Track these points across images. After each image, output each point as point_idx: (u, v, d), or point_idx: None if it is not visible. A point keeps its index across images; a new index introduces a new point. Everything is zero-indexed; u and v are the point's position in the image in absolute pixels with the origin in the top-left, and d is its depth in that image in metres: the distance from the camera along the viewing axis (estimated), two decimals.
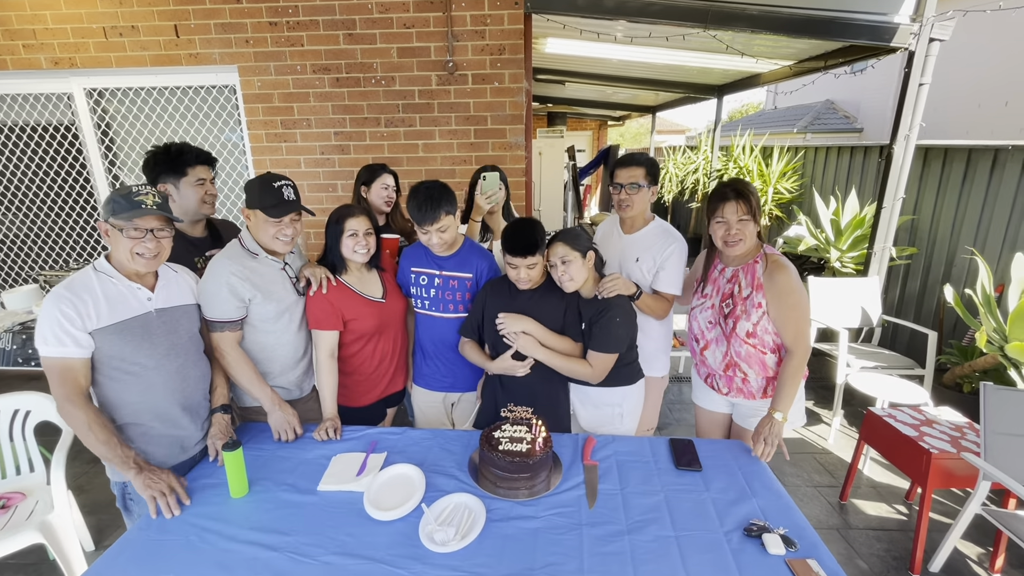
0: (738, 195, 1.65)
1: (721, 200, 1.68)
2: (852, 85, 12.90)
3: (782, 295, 1.65)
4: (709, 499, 1.45)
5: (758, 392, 1.78)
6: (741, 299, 1.71)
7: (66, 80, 3.35)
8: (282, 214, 1.63)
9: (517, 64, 3.19)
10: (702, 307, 1.83)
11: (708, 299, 1.82)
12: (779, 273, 1.65)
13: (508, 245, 1.72)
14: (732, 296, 1.74)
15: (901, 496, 2.58)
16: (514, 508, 1.42)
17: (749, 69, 5.19)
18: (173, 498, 1.40)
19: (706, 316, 1.83)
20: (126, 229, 1.36)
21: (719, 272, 1.81)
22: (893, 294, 4.15)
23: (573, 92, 7.87)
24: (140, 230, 1.37)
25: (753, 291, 1.69)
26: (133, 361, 1.42)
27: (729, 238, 1.68)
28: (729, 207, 1.66)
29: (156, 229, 1.40)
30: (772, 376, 1.76)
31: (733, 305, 1.73)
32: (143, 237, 1.38)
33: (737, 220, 1.66)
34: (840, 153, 5.06)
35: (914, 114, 3.26)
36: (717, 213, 1.70)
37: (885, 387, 2.88)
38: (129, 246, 1.37)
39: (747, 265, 1.73)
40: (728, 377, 1.80)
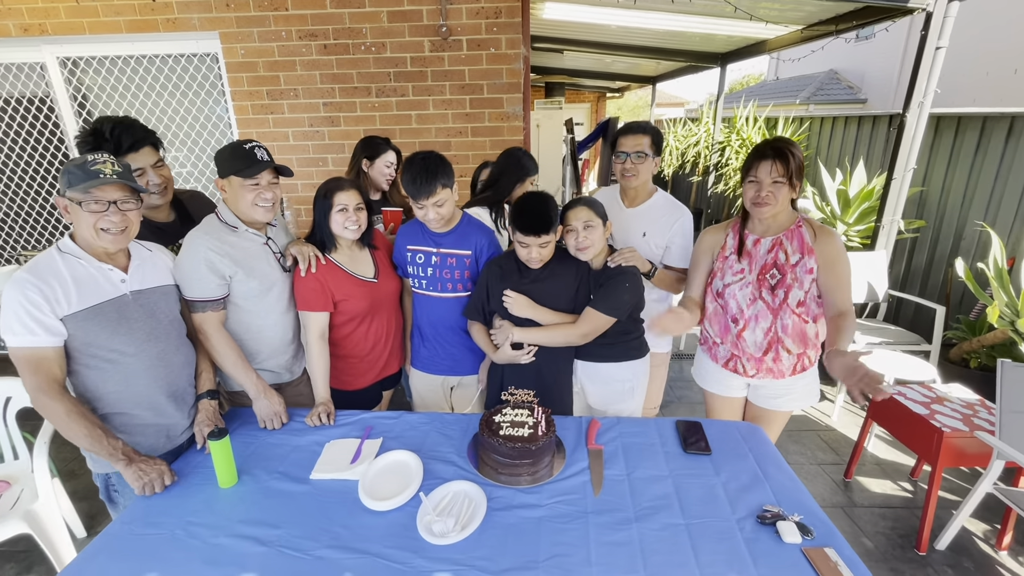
0: (777, 154, 1.55)
1: (758, 158, 1.58)
2: (856, 54, 12.56)
3: (836, 260, 1.59)
4: (719, 484, 1.39)
5: (788, 370, 1.71)
6: (790, 267, 1.62)
7: (38, 48, 3.16)
8: (257, 172, 1.52)
9: (514, 28, 3.02)
10: (741, 283, 1.69)
11: (744, 274, 1.70)
12: (831, 238, 1.60)
13: (520, 223, 1.62)
14: (777, 265, 1.64)
15: (906, 473, 2.55)
16: (516, 496, 1.35)
17: (755, 35, 4.99)
18: (161, 487, 1.34)
19: (746, 292, 1.69)
20: (85, 202, 1.24)
21: (753, 244, 1.69)
22: (898, 268, 4.07)
23: (571, 62, 7.63)
24: (101, 202, 1.26)
25: (804, 256, 1.61)
26: (110, 348, 1.33)
27: (758, 199, 1.58)
28: (764, 166, 1.56)
29: (120, 200, 1.28)
30: (803, 351, 1.68)
31: (781, 275, 1.63)
32: (105, 210, 1.26)
33: (771, 181, 1.56)
34: (847, 123, 4.91)
35: (929, 80, 3.12)
36: (751, 172, 1.59)
37: (891, 363, 2.82)
38: (91, 221, 1.26)
39: (789, 232, 1.64)
40: (759, 360, 1.71)
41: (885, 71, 11.29)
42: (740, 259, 1.71)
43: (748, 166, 1.62)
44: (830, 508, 2.32)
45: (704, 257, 1.80)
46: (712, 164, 6.87)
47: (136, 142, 1.64)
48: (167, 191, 1.76)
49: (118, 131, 1.60)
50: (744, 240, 1.71)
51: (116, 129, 1.60)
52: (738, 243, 1.72)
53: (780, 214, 1.65)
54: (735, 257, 1.72)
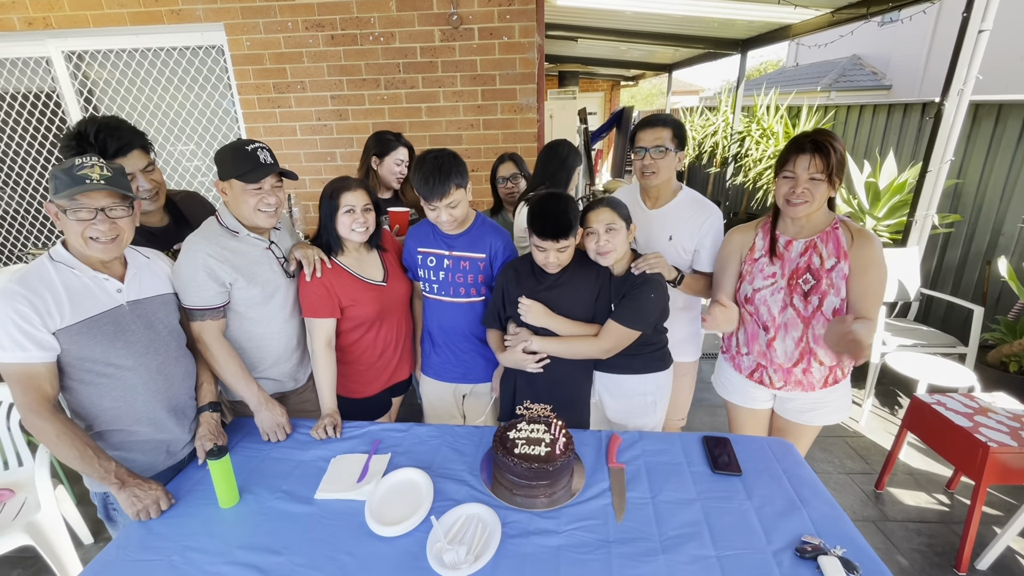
0: (816, 148, 1.41)
1: (795, 151, 1.44)
2: (880, 38, 12.11)
3: (870, 267, 1.46)
4: (752, 509, 1.29)
5: (819, 383, 1.59)
6: (825, 271, 1.50)
7: (43, 43, 3.10)
8: (261, 177, 1.43)
9: (528, 16, 2.89)
10: (773, 288, 1.57)
11: (775, 278, 1.57)
12: (870, 244, 1.47)
13: (538, 226, 1.51)
14: (811, 270, 1.52)
15: (942, 484, 2.42)
16: (533, 521, 1.26)
17: (778, 20, 4.78)
18: (157, 512, 1.27)
19: (777, 299, 1.57)
20: (71, 210, 1.17)
21: (785, 246, 1.57)
22: (929, 264, 3.89)
23: (584, 50, 7.43)
24: (89, 210, 1.18)
25: (840, 260, 1.48)
26: (107, 362, 1.26)
27: (793, 196, 1.45)
28: (802, 161, 1.43)
29: (108, 208, 1.20)
30: (838, 363, 1.57)
31: (816, 280, 1.51)
32: (93, 218, 1.19)
33: (808, 178, 1.43)
34: (876, 112, 4.69)
35: (970, 65, 2.93)
36: (787, 166, 1.46)
37: (926, 368, 2.67)
38: (79, 229, 1.19)
39: (824, 234, 1.52)
40: (788, 371, 1.60)
41: (911, 56, 10.89)
42: (772, 262, 1.58)
43: (784, 160, 1.49)
44: (861, 522, 2.20)
45: (732, 259, 1.67)
46: (731, 155, 6.66)
47: (123, 146, 1.51)
48: (159, 196, 1.65)
49: (103, 134, 1.48)
50: (776, 241, 1.59)
51: (101, 132, 1.48)
52: (769, 244, 1.60)
53: (815, 214, 1.52)
54: (767, 259, 1.60)
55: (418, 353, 1.96)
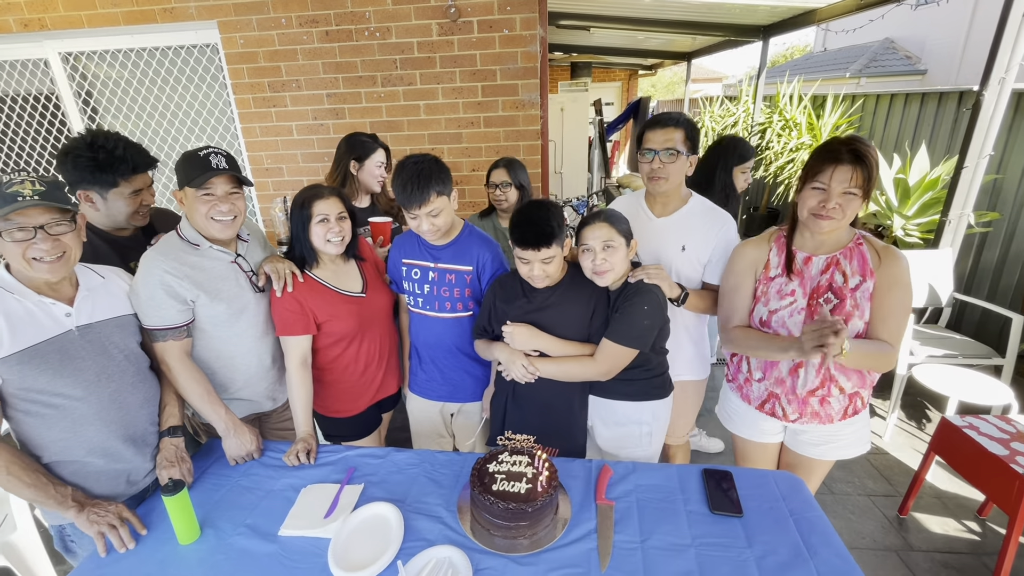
0: (856, 159, 1.24)
1: (832, 161, 1.27)
2: (916, 20, 11.45)
3: (895, 287, 1.33)
4: (752, 560, 1.16)
5: (837, 415, 1.45)
6: (849, 291, 1.35)
7: (39, 44, 3.08)
8: (206, 180, 1.34)
9: (530, 7, 2.74)
10: (791, 309, 1.42)
11: (794, 298, 1.42)
12: (896, 260, 1.34)
13: (517, 235, 1.40)
14: (832, 289, 1.37)
15: (972, 510, 2.24)
16: (509, 568, 1.16)
17: (802, 4, 4.52)
18: (126, 530, 1.21)
19: (797, 320, 1.42)
20: (7, 231, 1.09)
21: (804, 263, 1.42)
22: (963, 266, 3.63)
23: (600, 39, 7.19)
24: (26, 229, 1.10)
25: (865, 279, 1.34)
26: (53, 392, 1.18)
27: (824, 212, 1.30)
28: (840, 173, 1.26)
29: (48, 225, 1.12)
30: (857, 392, 1.43)
31: (840, 300, 1.36)
32: (32, 238, 1.11)
33: (842, 191, 1.27)
34: (908, 101, 4.39)
35: (1014, 51, 2.67)
36: (820, 177, 1.29)
37: (957, 382, 2.47)
38: (19, 251, 1.11)
39: (847, 250, 1.37)
40: (803, 401, 1.45)
41: (949, 40, 10.30)
42: (790, 280, 1.43)
43: (816, 169, 1.31)
44: (882, 552, 2.04)
45: (746, 277, 1.50)
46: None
47: (148, 163, 1.57)
48: (147, 215, 1.65)
49: (132, 150, 1.52)
50: (793, 257, 1.43)
51: (129, 148, 1.51)
52: (786, 260, 1.44)
53: (840, 229, 1.37)
54: (784, 278, 1.44)
55: (406, 368, 1.87)
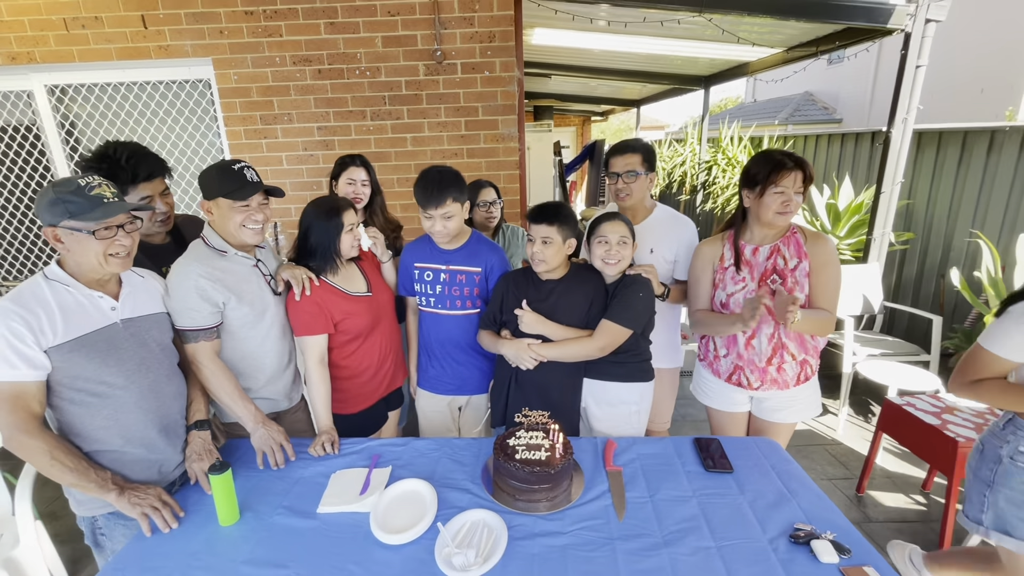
0: (800, 166, 1.57)
1: (781, 168, 1.57)
2: (829, 76, 13.04)
3: (827, 264, 1.63)
4: (746, 503, 1.35)
5: (792, 380, 1.70)
6: (790, 271, 1.64)
7: (25, 76, 3.11)
8: (249, 195, 1.47)
9: (508, 52, 3.06)
10: (745, 291, 1.69)
11: (746, 282, 1.69)
12: (823, 242, 1.65)
13: (534, 212, 1.66)
14: (776, 271, 1.65)
15: (917, 486, 2.52)
16: (538, 523, 1.29)
17: (737, 58, 5.14)
18: (168, 511, 1.26)
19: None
20: (98, 230, 1.19)
21: (752, 253, 1.70)
22: (890, 280, 4.12)
23: (558, 86, 7.77)
24: (111, 228, 1.21)
25: (801, 260, 1.63)
26: (99, 380, 1.25)
27: (787, 209, 1.59)
28: (790, 177, 1.56)
29: (126, 224, 1.24)
30: (806, 358, 1.69)
31: (782, 279, 1.64)
32: (115, 236, 1.22)
33: (795, 191, 1.57)
34: (831, 141, 5.04)
35: (911, 97, 3.21)
36: (777, 182, 1.57)
37: (894, 374, 2.82)
38: (102, 248, 1.21)
39: (785, 238, 1.67)
40: (763, 369, 1.70)
41: (858, 92, 11.72)
42: (740, 269, 1.71)
43: (770, 177, 1.58)
44: None
45: (705, 271, 1.79)
46: (699, 183, 6.98)
47: (152, 172, 1.62)
48: (170, 219, 1.73)
49: (134, 160, 1.57)
50: (741, 251, 1.71)
51: (132, 158, 1.56)
52: (735, 253, 1.72)
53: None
54: (735, 268, 1.72)
55: (412, 368, 1.99)
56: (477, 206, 2.43)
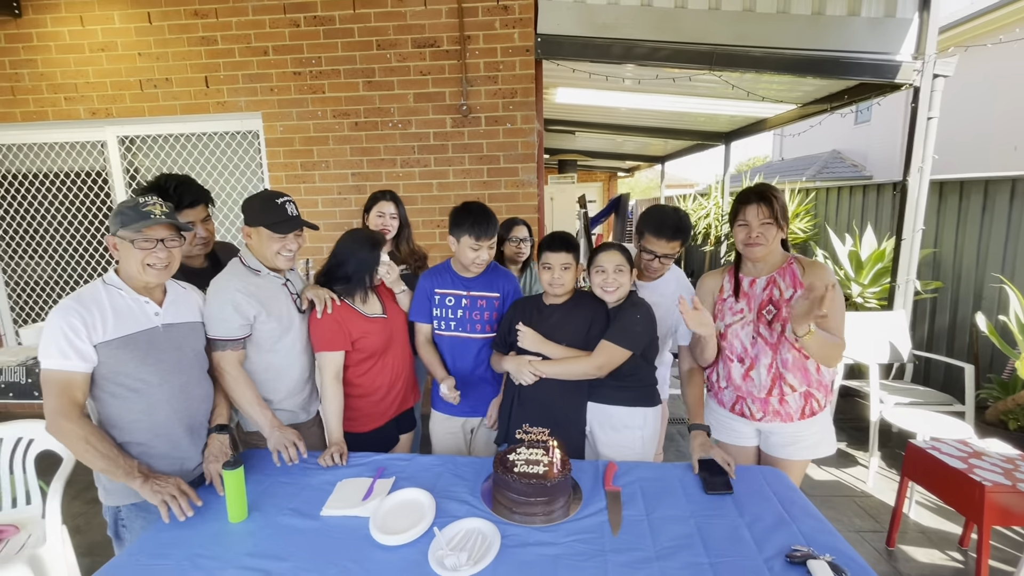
0: (760, 198, 1.62)
1: (743, 203, 1.65)
2: (857, 135, 13.13)
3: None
4: (744, 525, 1.33)
5: (796, 413, 1.67)
6: (784, 302, 1.65)
7: (101, 129, 3.54)
8: (288, 230, 1.64)
9: (529, 107, 3.31)
10: (742, 322, 1.72)
11: (743, 314, 1.72)
12: (820, 269, 1.65)
13: (547, 241, 1.77)
14: (772, 302, 1.67)
15: (954, 542, 2.35)
16: (532, 534, 1.30)
17: (755, 114, 5.33)
18: (184, 500, 1.33)
19: (747, 331, 1.71)
20: (137, 240, 1.36)
21: (749, 285, 1.73)
22: (922, 330, 4.00)
23: (583, 143, 8.12)
24: (151, 240, 1.37)
25: (796, 290, 1.64)
26: (137, 377, 1.39)
27: (751, 240, 1.64)
28: (751, 210, 1.63)
29: (167, 239, 1.40)
30: (809, 392, 1.66)
31: (777, 310, 1.66)
32: (154, 247, 1.38)
33: (759, 223, 1.62)
34: (852, 192, 5.06)
35: (925, 147, 3.27)
36: (740, 216, 1.66)
37: (924, 421, 2.69)
38: (140, 257, 1.37)
39: (782, 269, 1.69)
40: (765, 400, 1.69)
41: (887, 149, 11.72)
42: (738, 300, 1.74)
43: (736, 211, 1.69)
44: None
45: (706, 302, 1.83)
46: (723, 234, 7.03)
47: (194, 200, 1.84)
48: (209, 244, 1.94)
49: (180, 189, 1.80)
50: (740, 282, 1.75)
51: (179, 187, 1.80)
52: (734, 285, 1.76)
53: (772, 254, 1.69)
54: (733, 299, 1.76)
55: (426, 391, 2.06)
56: (509, 240, 2.55)
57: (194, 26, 3.34)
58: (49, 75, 3.45)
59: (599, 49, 3.25)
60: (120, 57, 3.40)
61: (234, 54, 3.35)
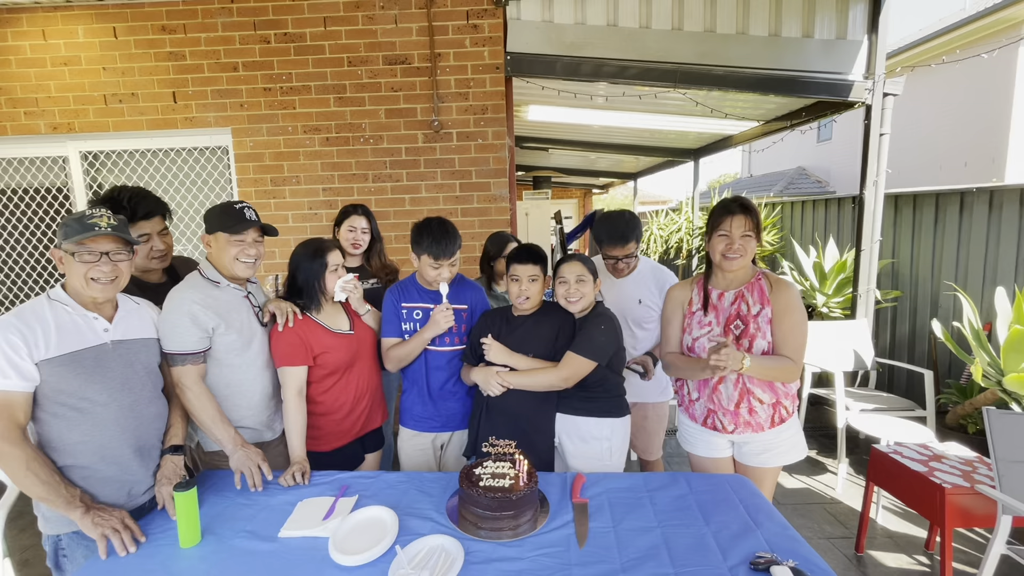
0: (744, 209, 1.64)
1: (726, 214, 1.65)
2: (820, 152, 13.68)
3: (789, 311, 1.64)
4: (710, 533, 1.33)
5: (766, 422, 1.69)
6: (752, 317, 1.66)
7: (63, 144, 3.44)
8: (243, 229, 1.61)
9: (499, 123, 3.34)
10: (709, 335, 1.73)
11: (711, 327, 1.73)
12: (786, 289, 1.67)
13: (515, 254, 1.79)
14: (740, 316, 1.69)
15: (920, 545, 2.40)
16: (496, 549, 1.28)
17: (721, 131, 5.50)
18: (128, 534, 1.27)
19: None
20: (79, 253, 1.31)
21: (718, 298, 1.75)
22: (884, 338, 4.13)
23: (557, 160, 8.24)
24: (94, 253, 1.32)
25: (763, 306, 1.66)
26: (82, 396, 1.32)
27: (730, 252, 1.65)
28: (736, 221, 1.64)
29: (112, 252, 1.35)
30: (777, 401, 1.68)
31: (744, 325, 1.67)
32: (97, 261, 1.32)
33: (741, 235, 1.64)
34: (815, 206, 5.25)
35: (879, 161, 3.42)
36: (721, 226, 1.66)
37: (888, 427, 2.77)
38: (83, 271, 1.31)
39: (750, 284, 1.71)
40: (735, 412, 1.70)
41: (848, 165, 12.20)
42: (707, 313, 1.76)
43: (716, 222, 1.69)
44: None
45: (676, 314, 1.84)
46: (694, 248, 7.18)
47: (149, 211, 1.78)
48: (166, 257, 1.87)
49: (134, 200, 1.74)
50: (709, 295, 1.77)
51: (133, 198, 1.74)
52: (703, 298, 1.78)
53: (742, 269, 1.72)
54: (701, 312, 1.77)
55: (395, 408, 2.02)
56: (503, 258, 2.43)
57: (161, 41, 3.30)
58: (8, 89, 3.35)
59: (568, 67, 3.32)
60: (84, 71, 3.33)
61: (203, 69, 3.32)
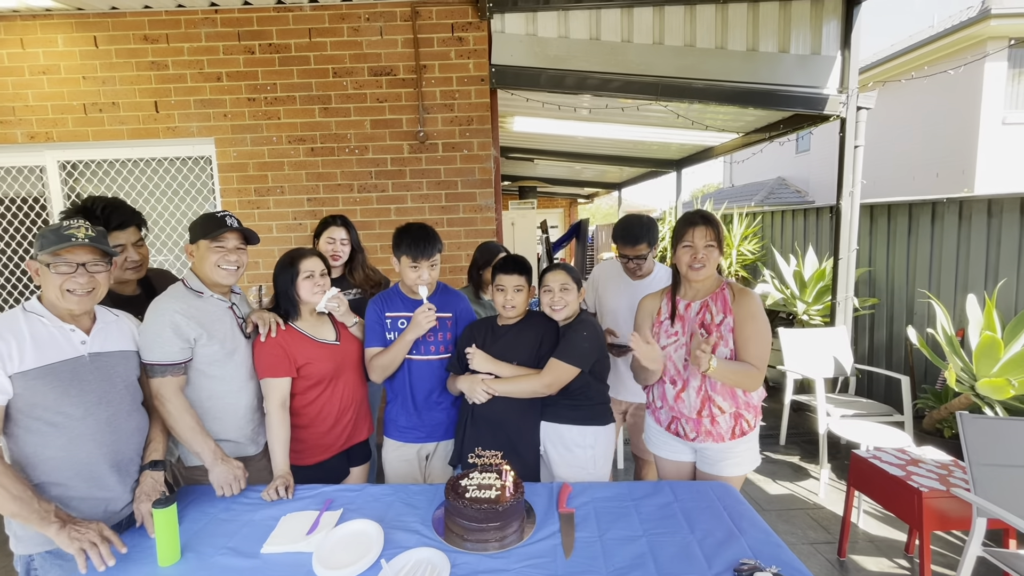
0: (706, 221, 1.69)
1: (689, 225, 1.71)
2: (799, 163, 14.03)
3: (751, 318, 1.67)
4: (695, 541, 1.34)
5: (727, 433, 1.71)
6: (715, 326, 1.70)
7: (40, 153, 3.38)
8: (222, 233, 1.60)
9: (485, 134, 3.37)
10: (676, 344, 1.76)
11: (677, 337, 1.77)
12: (747, 298, 1.70)
13: (500, 264, 1.81)
14: (704, 325, 1.72)
15: (900, 549, 2.44)
16: (483, 561, 1.28)
17: (703, 143, 5.61)
18: (106, 547, 1.23)
19: (680, 354, 1.75)
20: (55, 264, 1.29)
21: (684, 308, 1.78)
22: (863, 344, 4.22)
23: (543, 170, 8.32)
24: (70, 264, 1.30)
25: (726, 315, 1.69)
26: (57, 410, 1.29)
27: (695, 262, 1.69)
28: (698, 232, 1.69)
29: (89, 263, 1.33)
30: (738, 412, 1.71)
31: (708, 334, 1.69)
32: (73, 272, 1.30)
33: (704, 245, 1.68)
34: (795, 215, 5.36)
35: (854, 173, 3.51)
36: (685, 238, 1.71)
37: (867, 433, 2.82)
38: (58, 283, 1.29)
39: (715, 294, 1.74)
40: (697, 420, 1.72)
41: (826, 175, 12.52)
42: (674, 323, 1.79)
43: (681, 233, 1.74)
44: None
45: (645, 321, 1.88)
46: None
47: (123, 221, 1.76)
48: (142, 268, 1.85)
49: (108, 210, 1.72)
50: (676, 305, 1.81)
51: (107, 208, 1.72)
52: (671, 308, 1.81)
53: (709, 279, 1.75)
54: (669, 322, 1.81)
55: (378, 420, 2.01)
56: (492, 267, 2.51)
57: (143, 51, 3.27)
58: None
59: (552, 80, 3.37)
60: (63, 80, 3.28)
61: (186, 79, 3.29)
